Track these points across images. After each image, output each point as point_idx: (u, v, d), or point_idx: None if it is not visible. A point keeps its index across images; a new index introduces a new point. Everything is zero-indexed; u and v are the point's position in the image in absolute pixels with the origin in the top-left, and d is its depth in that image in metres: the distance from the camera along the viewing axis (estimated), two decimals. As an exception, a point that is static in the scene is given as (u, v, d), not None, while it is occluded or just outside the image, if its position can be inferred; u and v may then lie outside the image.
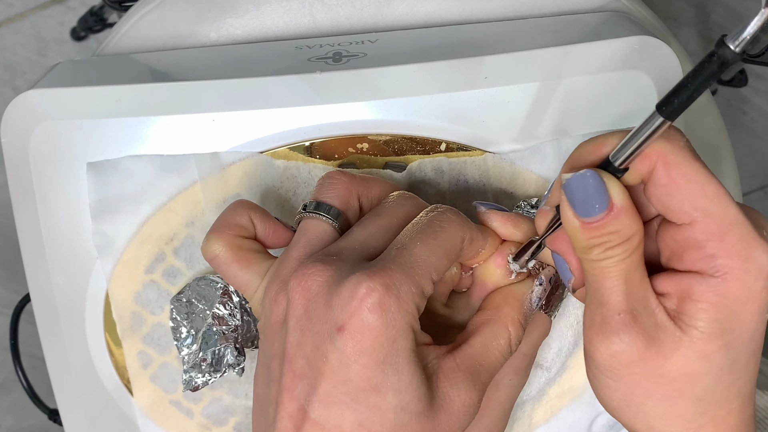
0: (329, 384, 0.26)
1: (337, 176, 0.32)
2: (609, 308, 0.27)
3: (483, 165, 0.38)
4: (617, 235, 0.26)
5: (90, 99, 0.37)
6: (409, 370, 0.26)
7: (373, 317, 0.26)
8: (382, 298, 0.26)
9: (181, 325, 0.38)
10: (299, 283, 0.28)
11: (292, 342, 0.27)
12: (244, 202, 0.33)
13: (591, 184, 0.26)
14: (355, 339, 0.26)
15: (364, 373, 0.26)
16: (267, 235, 0.33)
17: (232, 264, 0.31)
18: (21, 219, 0.39)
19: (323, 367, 0.26)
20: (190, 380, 0.37)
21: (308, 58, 0.39)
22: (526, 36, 0.40)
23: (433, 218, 0.29)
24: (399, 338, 0.26)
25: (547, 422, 0.41)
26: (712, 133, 0.45)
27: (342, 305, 0.26)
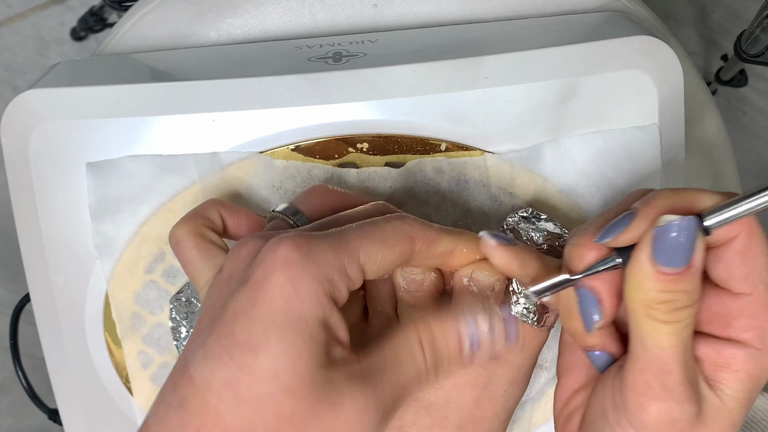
0: (215, 337, 0.25)
1: (316, 188, 0.32)
2: (673, 378, 0.25)
3: (482, 165, 0.38)
4: (687, 296, 0.25)
5: (90, 99, 0.37)
6: (296, 338, 0.24)
7: (276, 270, 0.25)
8: (290, 253, 0.25)
9: (181, 324, 0.38)
10: (232, 252, 0.27)
11: (207, 304, 0.27)
12: (214, 199, 0.33)
13: (687, 234, 0.24)
14: (253, 290, 0.25)
15: (247, 327, 0.24)
16: (240, 226, 0.33)
17: (192, 250, 0.31)
18: (21, 219, 0.39)
19: (218, 321, 0.25)
20: None
21: (308, 58, 0.39)
22: (526, 36, 0.40)
23: (385, 217, 0.28)
24: (295, 299, 0.24)
25: (547, 422, 0.41)
26: (712, 133, 0.45)
27: (257, 262, 0.25)
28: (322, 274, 0.25)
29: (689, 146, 0.41)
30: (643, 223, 0.25)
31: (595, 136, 0.37)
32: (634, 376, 0.26)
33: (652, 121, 0.38)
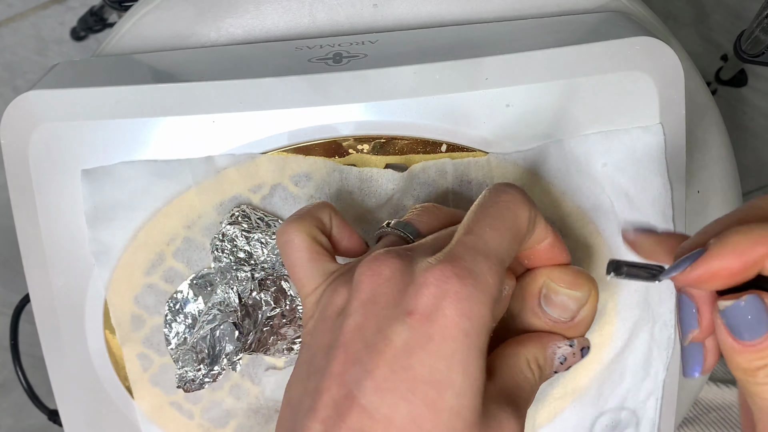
0: (388, 369, 0.24)
1: (432, 206, 0.31)
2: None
3: (486, 166, 0.38)
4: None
5: (89, 100, 0.37)
6: (475, 372, 0.24)
7: (449, 306, 0.24)
8: (460, 286, 0.24)
9: (174, 320, 0.38)
10: (369, 268, 0.26)
11: (351, 325, 0.25)
12: (327, 203, 0.32)
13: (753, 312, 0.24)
14: (425, 324, 0.24)
15: (428, 363, 0.24)
16: (342, 238, 0.32)
17: (303, 252, 0.30)
18: (20, 220, 0.39)
19: (385, 350, 0.24)
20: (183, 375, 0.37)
21: (308, 58, 0.39)
22: (527, 36, 0.40)
23: (497, 197, 0.27)
24: (472, 333, 0.24)
25: (551, 422, 0.41)
26: (712, 133, 0.45)
27: (415, 290, 0.24)
28: (489, 300, 0.25)
29: (689, 146, 0.41)
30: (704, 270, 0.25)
31: (600, 136, 0.37)
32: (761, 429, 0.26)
33: (654, 122, 0.38)
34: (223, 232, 0.37)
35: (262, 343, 0.38)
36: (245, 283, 0.37)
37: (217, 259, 0.38)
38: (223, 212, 0.38)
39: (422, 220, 0.30)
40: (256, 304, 0.38)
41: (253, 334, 0.38)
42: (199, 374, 0.38)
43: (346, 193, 0.38)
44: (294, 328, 0.39)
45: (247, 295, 0.37)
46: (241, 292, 0.37)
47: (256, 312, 0.38)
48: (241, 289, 0.37)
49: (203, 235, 0.38)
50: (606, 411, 0.41)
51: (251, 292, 0.37)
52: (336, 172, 0.38)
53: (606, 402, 0.40)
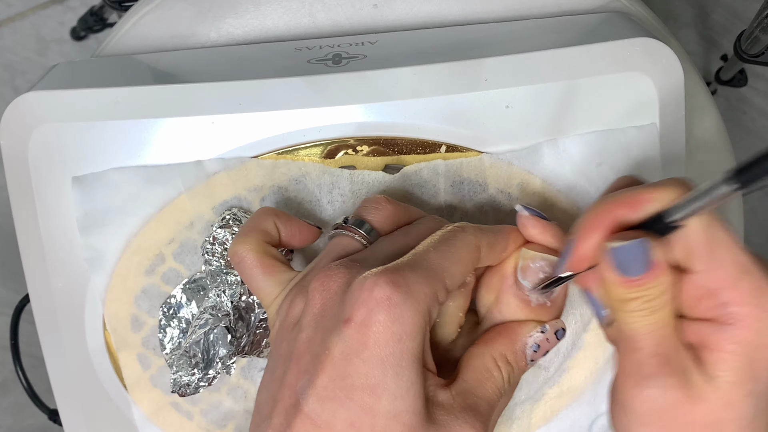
0: (327, 377, 0.26)
1: (381, 200, 0.32)
2: (643, 353, 0.27)
3: (480, 166, 0.38)
4: (657, 289, 0.26)
5: (89, 101, 0.37)
6: (410, 377, 0.26)
7: (380, 310, 0.25)
8: (392, 292, 0.25)
9: (168, 325, 0.38)
10: (320, 284, 0.28)
11: (303, 339, 0.27)
12: (268, 208, 0.33)
13: (638, 252, 0.25)
14: (360, 331, 0.25)
15: (363, 369, 0.25)
16: (293, 235, 0.33)
17: (255, 268, 0.31)
18: (20, 221, 0.39)
19: (325, 361, 0.26)
20: (177, 380, 0.37)
21: (308, 59, 0.39)
22: (527, 37, 0.40)
23: (446, 230, 0.29)
24: (405, 338, 0.25)
25: (547, 423, 0.41)
26: (712, 133, 0.45)
27: (352, 299, 0.26)
28: (422, 308, 0.26)
29: (689, 146, 0.41)
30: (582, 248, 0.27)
31: (594, 136, 0.37)
32: (618, 364, 0.28)
33: (652, 122, 0.38)
34: (214, 236, 0.37)
35: (256, 345, 0.38)
36: (235, 287, 0.37)
37: (207, 262, 0.38)
38: (219, 214, 0.38)
39: (376, 216, 0.31)
40: (249, 306, 0.38)
41: (246, 337, 0.38)
42: (193, 378, 0.38)
43: (338, 196, 0.38)
44: None
45: (238, 299, 0.37)
46: (232, 296, 0.37)
47: (249, 314, 0.38)
48: (231, 292, 0.37)
49: (197, 239, 0.38)
50: (603, 413, 0.41)
51: (241, 295, 0.38)
52: (327, 174, 0.38)
53: (602, 401, 0.40)
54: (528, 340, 0.30)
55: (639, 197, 0.26)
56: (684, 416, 0.26)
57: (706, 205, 0.24)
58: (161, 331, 0.38)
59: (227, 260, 0.38)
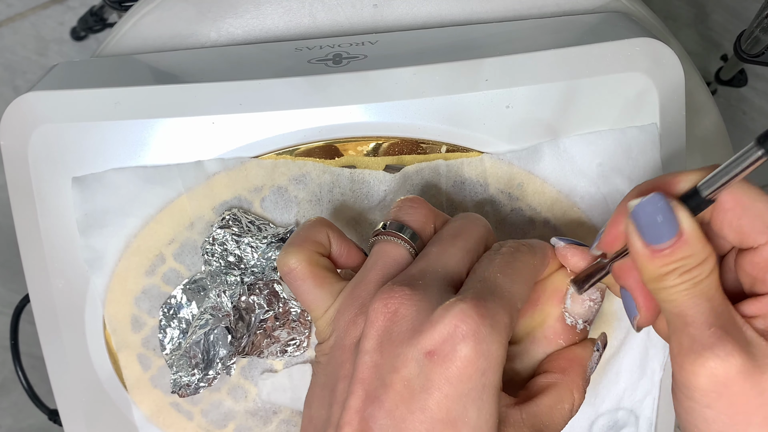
0: (405, 409, 0.25)
1: (418, 201, 0.31)
2: (697, 326, 0.25)
3: (480, 166, 0.38)
4: (691, 259, 0.25)
5: (89, 101, 0.37)
6: (490, 409, 0.25)
7: (467, 346, 0.25)
8: (478, 326, 0.25)
9: (168, 326, 0.38)
10: (384, 305, 0.27)
11: (368, 362, 0.26)
12: (323, 219, 0.32)
13: (659, 208, 0.25)
14: (443, 365, 0.25)
15: (445, 404, 0.25)
16: (341, 255, 0.32)
17: (307, 280, 0.30)
18: (20, 221, 0.39)
19: (402, 390, 0.25)
20: (177, 380, 0.37)
21: (308, 59, 0.38)
22: (527, 37, 0.40)
23: (505, 252, 0.29)
24: (488, 372, 0.25)
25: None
26: (712, 133, 0.45)
27: (433, 330, 0.25)
28: (504, 339, 0.26)
29: (689, 146, 0.41)
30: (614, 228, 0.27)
31: (594, 136, 0.37)
32: (671, 347, 0.27)
33: (652, 122, 0.38)
34: (214, 236, 0.37)
35: (256, 346, 0.38)
36: (234, 288, 0.37)
37: (207, 262, 0.38)
38: (219, 214, 0.38)
39: (415, 218, 0.31)
40: (249, 307, 0.38)
41: (246, 338, 0.38)
42: (193, 379, 0.38)
43: (338, 195, 0.38)
44: (287, 330, 0.39)
45: (237, 299, 0.37)
46: (231, 296, 0.37)
47: (250, 315, 0.38)
48: (231, 293, 0.37)
49: (196, 238, 0.38)
50: (603, 413, 0.41)
51: (241, 296, 0.37)
52: (327, 174, 0.38)
53: (603, 402, 0.40)
54: (590, 363, 0.31)
55: (672, 179, 0.26)
56: (752, 388, 0.25)
57: (737, 174, 0.24)
58: (161, 331, 0.38)
59: (227, 260, 0.38)
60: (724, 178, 0.25)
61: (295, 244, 0.31)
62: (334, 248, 0.32)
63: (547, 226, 0.38)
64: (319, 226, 0.32)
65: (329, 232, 0.32)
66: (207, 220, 0.38)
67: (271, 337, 0.39)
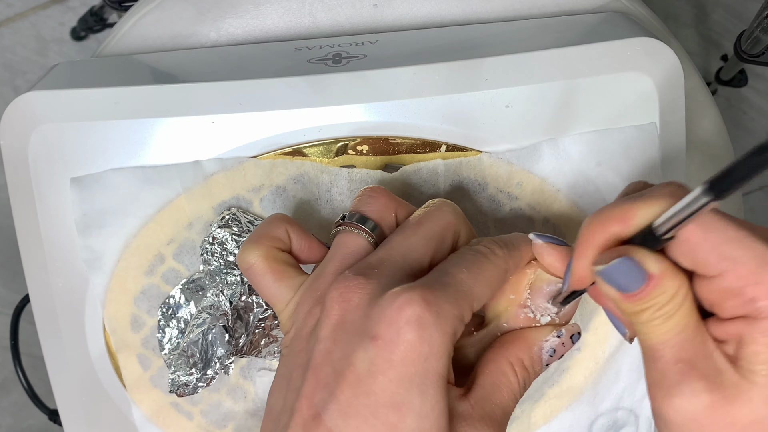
0: (351, 393, 0.26)
1: (378, 190, 0.31)
2: (665, 362, 0.26)
3: (479, 165, 0.38)
4: (663, 296, 0.25)
5: (89, 101, 0.37)
6: (435, 395, 0.26)
7: (410, 330, 0.25)
8: (422, 312, 0.25)
9: (167, 325, 0.38)
10: (339, 294, 0.27)
11: (321, 350, 0.27)
12: (282, 215, 0.33)
13: (626, 269, 0.25)
14: (387, 349, 0.25)
15: (389, 387, 0.25)
16: (302, 250, 0.32)
17: (266, 275, 0.31)
18: (20, 220, 0.39)
19: (348, 376, 0.26)
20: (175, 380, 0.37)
21: (308, 59, 0.39)
22: (527, 37, 0.40)
23: (478, 250, 0.29)
24: (432, 358, 0.25)
25: (547, 423, 0.41)
26: (712, 133, 0.45)
27: (379, 315, 0.26)
28: (450, 329, 0.26)
29: (689, 146, 0.41)
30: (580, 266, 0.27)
31: (593, 135, 0.37)
32: (646, 375, 0.27)
33: (651, 121, 0.38)
34: (213, 236, 0.37)
35: (254, 345, 0.38)
36: (234, 287, 0.37)
37: (206, 262, 0.38)
38: (219, 213, 0.38)
39: (374, 208, 0.31)
40: (247, 306, 0.38)
41: (244, 337, 0.38)
42: (191, 378, 0.38)
43: (336, 195, 0.38)
44: None
45: (237, 299, 0.37)
46: (231, 296, 0.37)
47: (248, 314, 0.38)
48: (231, 293, 0.37)
49: (195, 238, 0.38)
50: (603, 413, 0.41)
51: (241, 295, 0.38)
52: (325, 173, 0.38)
53: (602, 401, 0.40)
54: (544, 345, 0.30)
55: (628, 212, 0.26)
56: (722, 419, 0.25)
57: (688, 217, 0.23)
58: (160, 331, 0.38)
59: (226, 260, 0.38)
60: (676, 219, 0.24)
61: (253, 241, 0.31)
62: (294, 243, 0.32)
63: (546, 225, 0.39)
64: (277, 222, 0.32)
65: (288, 227, 0.32)
66: (206, 219, 0.38)
67: (270, 336, 0.39)
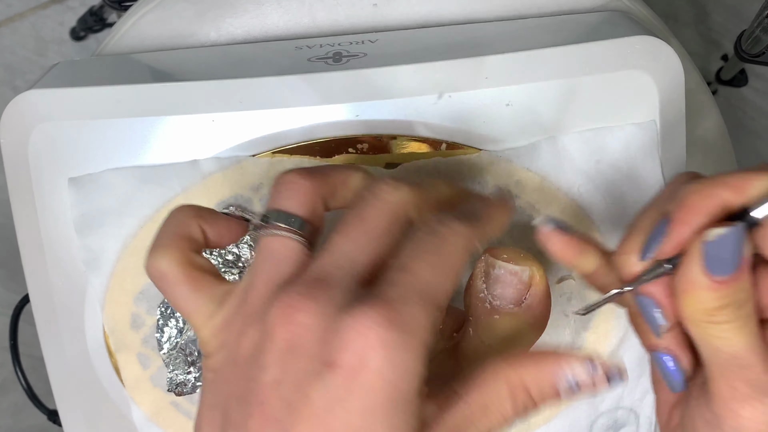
0: (307, 429, 0.22)
1: (294, 178, 0.26)
2: (754, 370, 0.24)
3: (479, 163, 0.38)
4: (745, 293, 0.23)
5: (89, 99, 0.37)
6: (402, 420, 0.22)
7: (374, 355, 0.22)
8: (385, 332, 0.22)
9: (166, 324, 0.38)
10: (283, 314, 0.23)
11: (268, 380, 0.23)
12: (189, 207, 0.28)
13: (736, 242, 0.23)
14: (348, 378, 0.22)
15: (351, 421, 0.22)
16: (221, 236, 0.28)
17: (182, 285, 0.26)
18: (20, 220, 0.39)
19: (304, 410, 0.22)
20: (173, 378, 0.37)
21: (308, 58, 0.39)
22: (527, 35, 0.40)
23: (434, 231, 0.25)
24: (400, 383, 0.22)
25: (547, 423, 0.41)
26: (712, 133, 0.45)
27: (336, 340, 0.22)
28: (420, 345, 0.22)
29: (689, 146, 0.41)
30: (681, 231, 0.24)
31: (593, 133, 0.37)
32: (718, 385, 0.25)
33: (651, 119, 0.38)
34: None
35: None
36: None
37: None
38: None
39: (296, 201, 0.26)
40: None
41: None
42: (189, 377, 0.37)
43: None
44: None
45: None
46: None
47: None
48: None
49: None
50: (603, 412, 0.41)
51: None
52: None
53: (602, 401, 0.40)
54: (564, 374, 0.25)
55: (744, 179, 0.23)
56: None
57: None
58: (158, 330, 0.38)
59: (224, 258, 0.38)
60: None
61: (162, 245, 0.26)
62: (210, 234, 0.27)
63: (546, 225, 0.38)
64: (186, 217, 0.27)
65: (199, 220, 0.27)
66: None
67: None
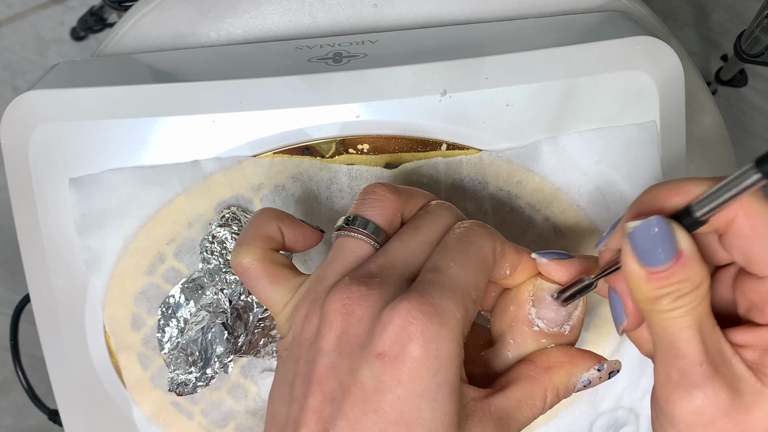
0: (359, 410, 0.25)
1: (381, 191, 0.30)
2: (687, 360, 0.25)
3: (479, 163, 0.38)
4: (687, 283, 0.24)
5: (89, 100, 0.37)
6: (445, 408, 0.25)
7: (415, 345, 0.25)
8: (425, 325, 0.25)
9: (167, 324, 0.38)
10: (341, 305, 0.26)
11: (326, 363, 0.26)
12: (271, 211, 0.32)
13: (658, 233, 0.24)
14: (394, 366, 0.25)
15: (398, 405, 0.25)
16: (296, 241, 0.31)
17: (263, 279, 0.30)
18: (20, 220, 0.39)
19: (355, 392, 0.25)
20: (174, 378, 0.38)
21: (308, 58, 0.39)
22: (527, 36, 0.40)
23: (460, 234, 0.28)
24: (441, 370, 0.25)
25: (547, 423, 0.41)
26: (712, 133, 0.45)
27: (382, 331, 0.25)
28: (456, 334, 0.25)
29: (689, 146, 0.41)
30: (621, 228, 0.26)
31: (593, 133, 0.37)
32: (657, 369, 0.26)
33: (651, 119, 0.38)
34: (213, 234, 0.37)
35: (253, 345, 0.38)
36: (234, 286, 0.37)
37: (206, 260, 0.38)
38: (219, 212, 0.38)
39: (378, 212, 0.29)
40: (247, 305, 0.38)
41: (243, 337, 0.38)
42: (190, 378, 0.38)
43: (336, 192, 0.38)
44: None
45: (237, 298, 0.37)
46: (230, 295, 0.37)
47: (247, 314, 0.38)
48: (230, 292, 0.37)
49: (196, 236, 0.38)
50: (603, 412, 0.41)
51: (241, 294, 0.37)
52: (324, 171, 0.38)
53: (602, 400, 0.40)
54: (582, 377, 0.30)
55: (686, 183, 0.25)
56: (739, 425, 0.25)
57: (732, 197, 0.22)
58: (160, 330, 0.38)
59: (225, 258, 0.38)
60: (718, 200, 0.23)
61: (245, 243, 0.30)
62: (287, 237, 0.31)
63: (546, 224, 0.39)
64: (268, 218, 0.31)
65: (279, 224, 0.31)
66: (206, 218, 0.38)
67: (269, 336, 0.39)
